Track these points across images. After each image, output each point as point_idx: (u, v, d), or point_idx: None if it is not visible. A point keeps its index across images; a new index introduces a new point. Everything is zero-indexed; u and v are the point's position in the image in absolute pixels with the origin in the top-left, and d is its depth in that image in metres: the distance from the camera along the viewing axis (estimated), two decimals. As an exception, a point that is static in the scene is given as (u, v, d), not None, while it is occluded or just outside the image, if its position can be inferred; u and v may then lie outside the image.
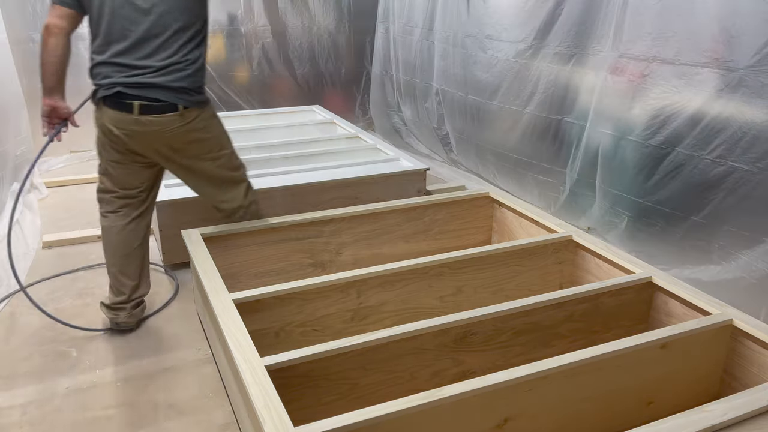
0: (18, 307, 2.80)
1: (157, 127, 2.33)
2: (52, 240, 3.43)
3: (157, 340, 2.57)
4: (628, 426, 1.58)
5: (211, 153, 2.51)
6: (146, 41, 2.27)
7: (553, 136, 3.64)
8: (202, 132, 2.43)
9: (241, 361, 1.73)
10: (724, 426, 1.57)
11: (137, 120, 2.31)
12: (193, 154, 2.47)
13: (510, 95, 3.91)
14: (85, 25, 2.38)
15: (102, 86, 2.33)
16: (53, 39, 2.28)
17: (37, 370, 2.38)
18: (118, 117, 2.33)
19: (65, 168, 4.79)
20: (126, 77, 2.28)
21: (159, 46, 2.28)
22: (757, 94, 2.44)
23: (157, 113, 2.30)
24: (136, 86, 2.28)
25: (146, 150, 2.42)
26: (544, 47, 3.59)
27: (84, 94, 2.52)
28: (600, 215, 3.32)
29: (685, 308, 2.16)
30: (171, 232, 3.02)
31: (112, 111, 2.34)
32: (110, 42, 2.29)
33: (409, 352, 1.94)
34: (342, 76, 5.91)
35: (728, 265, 2.64)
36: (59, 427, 2.09)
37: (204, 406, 2.19)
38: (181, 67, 2.31)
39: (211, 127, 2.49)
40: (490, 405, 1.67)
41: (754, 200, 2.50)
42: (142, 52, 2.28)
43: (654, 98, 2.90)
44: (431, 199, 3.02)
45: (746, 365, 1.98)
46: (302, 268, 2.82)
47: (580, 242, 2.60)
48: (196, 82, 2.38)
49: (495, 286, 2.57)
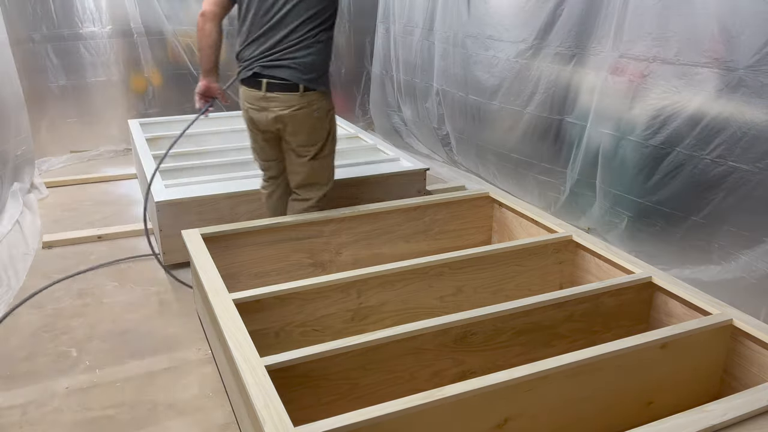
0: (18, 306, 2.80)
1: (280, 104, 2.55)
2: (52, 240, 3.42)
3: (157, 340, 2.58)
4: (628, 426, 1.58)
5: (315, 146, 2.69)
6: (281, 26, 2.51)
7: (554, 137, 3.64)
8: (316, 121, 2.63)
9: (241, 361, 1.73)
10: (724, 426, 1.57)
11: (264, 96, 2.56)
12: (302, 142, 2.66)
13: (510, 95, 3.91)
14: (86, 26, 2.40)
15: (244, 68, 2.61)
16: (209, 24, 2.57)
17: (37, 370, 2.38)
18: (249, 94, 2.62)
19: (65, 168, 4.79)
20: (260, 58, 2.55)
21: (292, 30, 2.50)
22: (757, 93, 2.44)
23: (282, 91, 2.53)
24: (267, 66, 2.53)
25: (269, 126, 2.64)
26: (544, 47, 3.59)
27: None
28: (600, 215, 3.32)
29: (685, 308, 2.16)
30: (171, 232, 3.02)
31: (246, 89, 2.63)
32: (252, 26, 2.55)
33: (409, 352, 1.94)
34: (342, 76, 5.90)
35: (728, 265, 2.64)
36: (59, 427, 2.09)
37: (204, 406, 2.19)
38: (308, 52, 2.53)
39: (325, 121, 2.68)
40: (490, 405, 1.67)
41: (754, 200, 2.50)
42: (277, 36, 2.51)
43: (654, 98, 2.90)
44: (431, 199, 3.02)
45: (746, 365, 1.98)
46: (302, 268, 2.82)
47: (580, 242, 2.60)
48: (321, 68, 2.59)
49: (495, 286, 2.57)
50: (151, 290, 2.96)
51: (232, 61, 2.85)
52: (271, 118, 2.60)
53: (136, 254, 3.30)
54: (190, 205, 3.07)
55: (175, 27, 5.26)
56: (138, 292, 2.94)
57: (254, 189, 3.19)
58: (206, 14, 2.57)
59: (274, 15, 2.50)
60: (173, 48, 5.30)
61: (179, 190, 3.16)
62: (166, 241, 3.07)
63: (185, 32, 5.30)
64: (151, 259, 3.24)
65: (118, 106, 5.20)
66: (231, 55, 5.59)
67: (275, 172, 2.87)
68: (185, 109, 5.40)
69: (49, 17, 4.69)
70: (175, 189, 3.17)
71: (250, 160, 3.76)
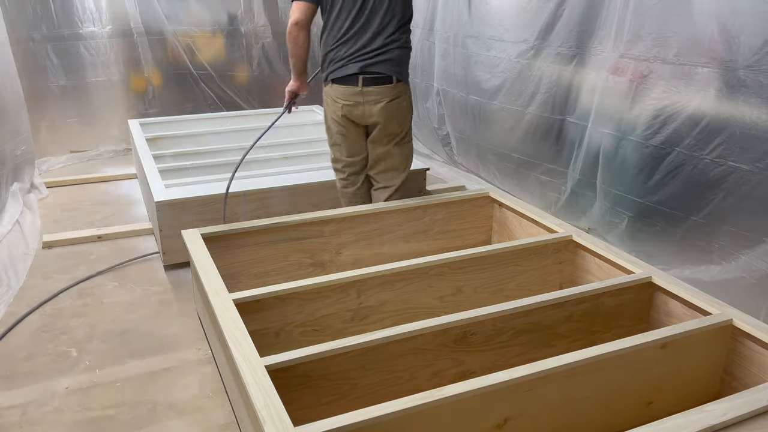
0: (18, 306, 2.80)
1: (376, 97, 2.77)
2: (52, 240, 3.43)
3: (157, 340, 2.58)
4: (628, 426, 1.58)
5: (402, 132, 2.92)
6: (372, 25, 2.73)
7: (555, 137, 3.64)
8: (404, 109, 2.88)
9: (241, 361, 1.73)
10: (724, 426, 1.57)
11: (361, 91, 2.76)
12: (392, 130, 2.88)
13: (512, 95, 3.91)
14: (86, 26, 2.39)
15: (338, 67, 2.78)
16: (303, 33, 2.74)
17: (37, 370, 2.38)
18: (345, 91, 2.79)
19: (65, 168, 4.80)
20: (356, 57, 2.74)
21: (383, 28, 2.74)
22: (757, 93, 2.44)
23: (377, 84, 2.77)
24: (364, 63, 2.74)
25: (364, 119, 2.84)
26: (545, 47, 3.59)
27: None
28: (600, 215, 3.32)
29: (685, 308, 2.16)
30: (171, 232, 3.02)
31: (339, 86, 2.79)
32: (343, 28, 2.73)
33: (409, 352, 1.94)
34: (342, 76, 5.91)
35: (728, 265, 2.64)
36: (59, 427, 2.09)
37: (204, 406, 2.19)
38: (396, 47, 2.77)
39: (410, 109, 2.94)
40: (490, 405, 1.67)
41: (754, 200, 2.50)
42: (369, 34, 2.73)
43: (654, 98, 2.90)
44: (431, 199, 3.02)
45: (746, 365, 1.98)
46: (302, 268, 2.82)
47: (580, 242, 2.60)
48: (407, 61, 2.86)
49: (495, 286, 2.57)
50: (151, 290, 2.97)
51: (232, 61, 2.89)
52: (368, 111, 2.80)
53: (135, 255, 3.30)
54: (190, 205, 3.07)
55: (175, 27, 5.27)
56: (138, 292, 2.95)
57: (254, 189, 3.20)
58: (300, 23, 2.73)
59: (364, 15, 2.72)
60: (173, 48, 5.31)
61: (179, 190, 3.17)
62: (166, 241, 3.07)
63: (185, 32, 5.31)
64: (151, 260, 3.24)
65: (118, 106, 5.20)
66: (231, 55, 5.59)
67: (359, 167, 3.01)
68: (185, 109, 5.40)
69: (49, 17, 4.69)
70: (175, 189, 3.17)
71: (250, 160, 3.77)
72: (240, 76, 5.59)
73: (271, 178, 3.40)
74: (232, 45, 5.51)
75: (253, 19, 5.49)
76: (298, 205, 3.29)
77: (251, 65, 5.58)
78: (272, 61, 5.62)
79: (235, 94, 5.58)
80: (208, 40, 5.41)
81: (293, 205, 3.28)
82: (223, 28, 5.45)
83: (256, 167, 3.74)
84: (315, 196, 3.34)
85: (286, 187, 3.28)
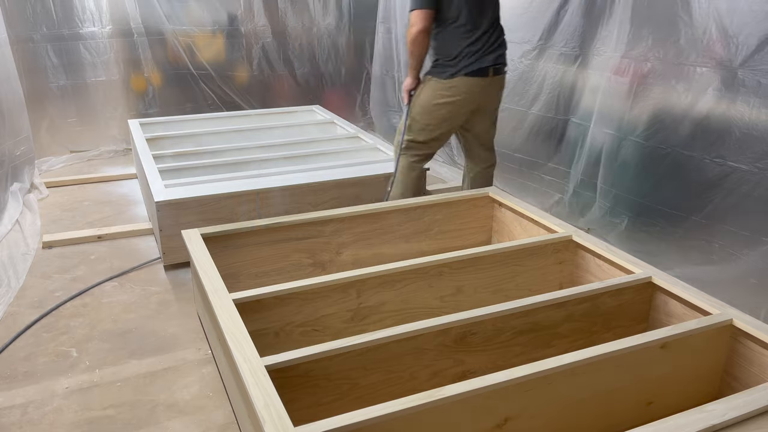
0: (18, 306, 2.80)
1: (498, 83, 3.14)
2: (52, 240, 3.43)
3: (157, 340, 2.58)
4: (628, 426, 1.58)
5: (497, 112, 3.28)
6: (489, 21, 3.03)
7: (558, 137, 3.64)
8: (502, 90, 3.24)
9: (241, 361, 1.73)
10: (724, 426, 1.57)
11: (490, 82, 3.07)
12: (495, 107, 3.25)
13: (514, 96, 3.91)
14: (86, 26, 2.39)
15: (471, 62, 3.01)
16: (427, 38, 3.00)
17: (37, 370, 2.38)
18: (476, 83, 3.04)
19: (65, 168, 4.80)
20: (485, 51, 3.02)
21: (495, 22, 3.07)
22: (756, 93, 2.45)
23: (500, 73, 3.13)
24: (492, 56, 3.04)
25: (486, 104, 3.16)
26: (548, 48, 3.59)
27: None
28: (601, 215, 3.32)
29: (685, 308, 2.16)
30: (171, 232, 3.02)
31: (470, 78, 3.02)
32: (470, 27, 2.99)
33: (409, 352, 1.94)
34: (342, 76, 5.91)
35: (728, 265, 2.64)
36: (59, 427, 2.09)
37: (204, 406, 2.19)
38: (503, 41, 3.12)
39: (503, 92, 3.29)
40: (490, 405, 1.67)
41: (754, 200, 2.51)
42: (489, 30, 3.03)
43: (654, 98, 2.91)
44: (431, 199, 3.02)
45: (746, 365, 1.98)
46: (302, 268, 2.82)
47: (580, 242, 2.60)
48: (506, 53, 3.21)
49: (495, 286, 2.57)
50: (151, 290, 2.97)
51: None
52: (491, 96, 3.15)
53: (135, 255, 3.30)
54: (190, 205, 3.07)
55: (175, 27, 5.27)
56: (138, 292, 2.95)
57: (254, 189, 3.20)
58: (426, 30, 2.97)
59: (485, 14, 3.01)
60: (173, 48, 5.30)
61: (179, 190, 3.16)
62: (166, 241, 3.07)
63: (185, 32, 5.31)
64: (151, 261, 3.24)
65: (118, 106, 5.20)
66: (231, 55, 5.58)
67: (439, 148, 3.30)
68: (185, 109, 5.40)
69: (49, 17, 4.69)
70: (175, 189, 3.17)
71: (250, 160, 3.78)
72: (240, 76, 5.59)
73: (271, 178, 3.40)
74: (232, 45, 5.51)
75: (253, 19, 5.49)
76: (298, 205, 3.29)
77: (251, 65, 5.58)
78: (272, 61, 5.62)
79: (235, 94, 5.58)
80: (208, 40, 5.41)
81: (293, 205, 3.28)
82: (223, 28, 5.45)
83: (256, 167, 3.74)
84: (315, 196, 3.34)
85: (286, 187, 3.28)
